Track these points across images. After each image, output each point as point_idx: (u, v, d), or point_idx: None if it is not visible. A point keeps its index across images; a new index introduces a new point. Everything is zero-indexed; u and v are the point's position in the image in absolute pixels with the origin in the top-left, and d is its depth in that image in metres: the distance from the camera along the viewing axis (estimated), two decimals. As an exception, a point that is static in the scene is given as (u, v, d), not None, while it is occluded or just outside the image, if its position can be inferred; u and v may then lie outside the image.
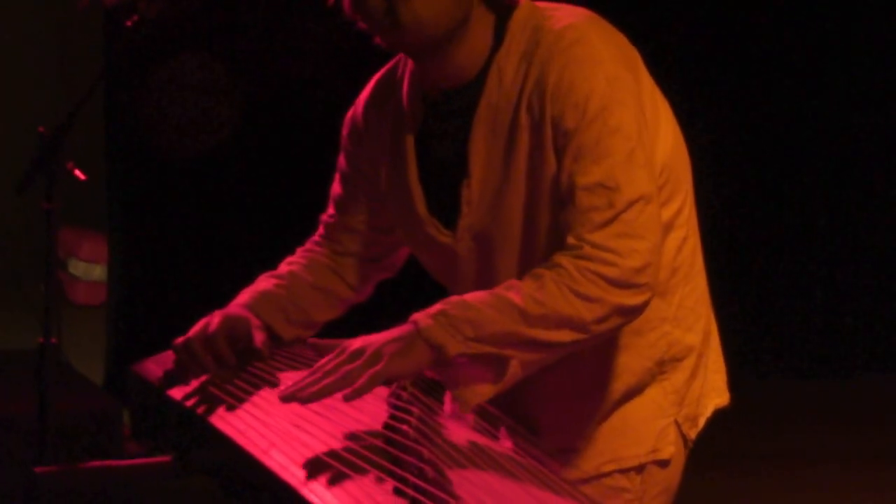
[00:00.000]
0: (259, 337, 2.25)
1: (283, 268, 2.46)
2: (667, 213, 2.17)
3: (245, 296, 2.38)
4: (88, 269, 7.80)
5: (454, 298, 2.05)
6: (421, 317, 2.01)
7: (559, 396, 2.26)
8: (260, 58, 5.40)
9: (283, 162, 5.53)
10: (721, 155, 6.19)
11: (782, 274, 6.49)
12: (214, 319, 2.25)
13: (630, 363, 2.24)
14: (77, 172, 2.65)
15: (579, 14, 2.17)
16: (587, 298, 2.01)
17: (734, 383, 2.38)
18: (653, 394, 2.27)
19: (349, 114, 2.39)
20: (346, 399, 1.92)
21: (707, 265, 2.33)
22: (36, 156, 2.63)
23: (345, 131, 2.40)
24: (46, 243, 2.63)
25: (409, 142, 2.26)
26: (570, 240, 2.04)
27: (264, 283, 2.42)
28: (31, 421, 2.79)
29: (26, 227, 4.14)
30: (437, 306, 2.03)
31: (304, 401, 1.93)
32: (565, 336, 2.02)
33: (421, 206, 2.25)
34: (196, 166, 5.44)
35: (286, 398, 1.94)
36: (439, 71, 2.19)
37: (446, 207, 2.23)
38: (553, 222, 2.10)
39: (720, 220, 6.16)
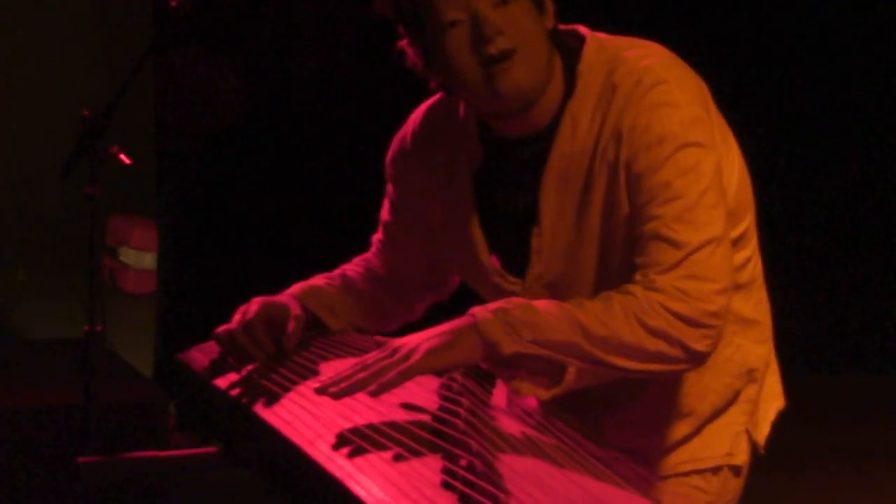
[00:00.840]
0: (292, 324, 2.25)
1: (338, 271, 2.48)
2: (734, 234, 2.19)
3: (294, 287, 2.40)
4: (139, 257, 7.86)
5: (518, 299, 2.06)
6: (480, 310, 2.03)
7: (644, 426, 2.30)
8: (313, 47, 5.40)
9: (337, 150, 5.54)
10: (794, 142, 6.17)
11: (846, 266, 6.43)
12: (252, 307, 2.26)
13: (713, 383, 2.27)
14: (122, 157, 2.66)
15: (654, 53, 2.16)
16: (652, 331, 2.02)
17: (799, 380, 2.38)
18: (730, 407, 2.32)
19: (396, 143, 2.38)
20: (372, 395, 1.95)
21: (770, 265, 2.34)
22: (80, 139, 2.64)
23: (391, 159, 2.39)
24: (90, 229, 2.64)
25: (469, 186, 2.27)
26: (639, 276, 2.06)
27: (316, 279, 2.44)
28: (76, 411, 2.80)
29: (72, 213, 4.17)
30: (499, 303, 2.05)
31: (335, 396, 1.96)
32: (624, 362, 2.04)
33: (485, 255, 2.26)
34: (247, 153, 5.45)
35: (319, 392, 1.98)
36: (515, 124, 2.19)
37: (514, 256, 2.24)
38: (626, 266, 2.11)
39: (786, 214, 6.13)
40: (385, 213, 2.44)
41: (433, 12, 2.10)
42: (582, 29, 2.22)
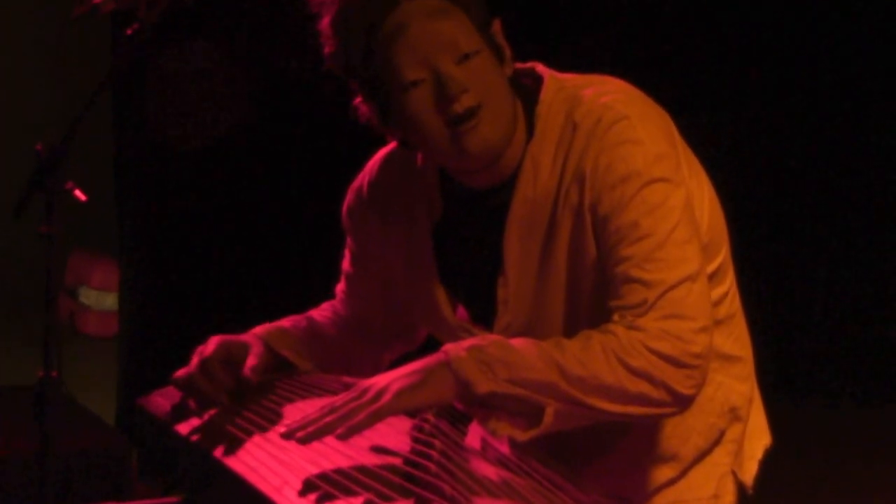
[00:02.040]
0: (251, 361, 2.26)
1: (305, 315, 2.50)
2: (710, 269, 2.21)
3: (258, 328, 2.41)
4: (100, 297, 7.83)
5: (493, 336, 2.07)
6: (453, 348, 2.05)
7: (627, 471, 2.31)
8: (286, 79, 5.40)
9: (307, 191, 5.54)
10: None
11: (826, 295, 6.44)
12: (210, 347, 2.28)
13: (696, 424, 2.29)
14: (77, 193, 2.66)
15: (614, 90, 2.18)
16: (633, 371, 2.04)
17: (786, 415, 2.40)
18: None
19: (351, 194, 2.41)
20: (340, 438, 1.96)
21: (753, 296, 2.37)
22: (33, 175, 2.64)
23: (347, 210, 2.42)
24: (45, 269, 2.64)
25: (429, 240, 2.29)
26: (617, 317, 2.08)
27: (282, 322, 2.46)
28: (32, 462, 2.80)
29: (27, 252, 4.18)
30: (474, 340, 2.07)
31: (302, 441, 1.97)
32: (604, 404, 2.05)
33: (448, 311, 2.29)
34: (213, 186, 5.46)
35: (286, 436, 1.98)
36: (480, 176, 2.21)
37: (480, 307, 2.26)
38: (596, 313, 2.13)
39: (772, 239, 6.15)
40: (346, 265, 2.47)
41: (393, 72, 2.12)
42: (539, 67, 2.24)
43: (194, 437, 2.19)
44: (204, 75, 5.20)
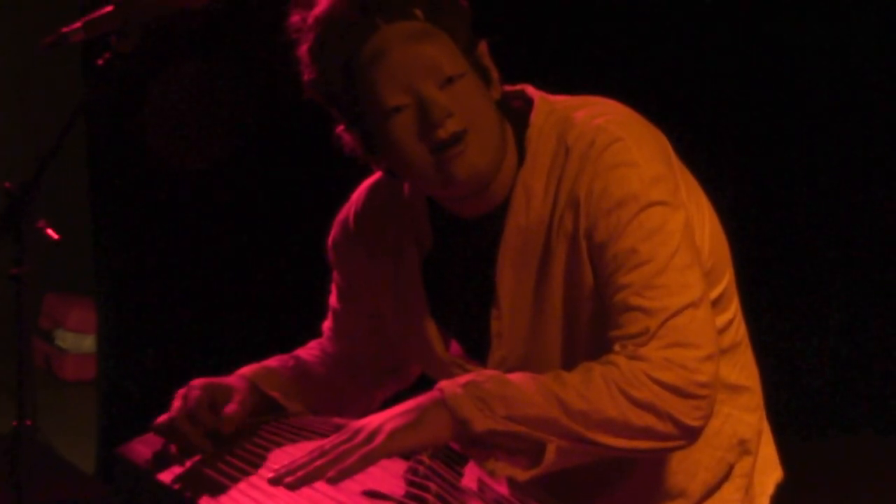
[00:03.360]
0: (231, 408, 2.25)
1: (292, 354, 2.50)
2: (713, 295, 2.21)
3: (245, 369, 2.41)
4: (77, 340, 7.81)
5: (489, 371, 2.07)
6: (448, 385, 2.05)
7: None
8: (264, 113, 5.41)
9: (293, 220, 5.54)
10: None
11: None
12: (193, 391, 2.27)
13: (703, 458, 2.29)
14: (49, 232, 2.67)
15: (607, 111, 2.19)
16: (637, 403, 2.03)
17: (805, 447, 2.40)
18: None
19: (337, 226, 2.41)
20: (331, 482, 1.96)
21: (759, 323, 2.37)
22: (2, 215, 2.65)
23: (332, 244, 2.43)
24: (17, 312, 2.64)
25: (419, 274, 2.29)
26: (618, 348, 2.08)
27: (269, 361, 2.46)
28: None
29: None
30: (470, 376, 2.07)
31: (291, 486, 1.97)
32: (608, 439, 2.05)
33: (440, 347, 2.29)
34: (193, 224, 5.46)
35: (274, 482, 1.98)
36: (470, 203, 2.22)
37: (474, 341, 2.27)
38: (595, 344, 2.13)
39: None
40: (333, 300, 2.47)
41: (374, 97, 2.12)
42: (529, 90, 2.25)
43: (177, 486, 2.18)
44: (196, 99, 5.20)
